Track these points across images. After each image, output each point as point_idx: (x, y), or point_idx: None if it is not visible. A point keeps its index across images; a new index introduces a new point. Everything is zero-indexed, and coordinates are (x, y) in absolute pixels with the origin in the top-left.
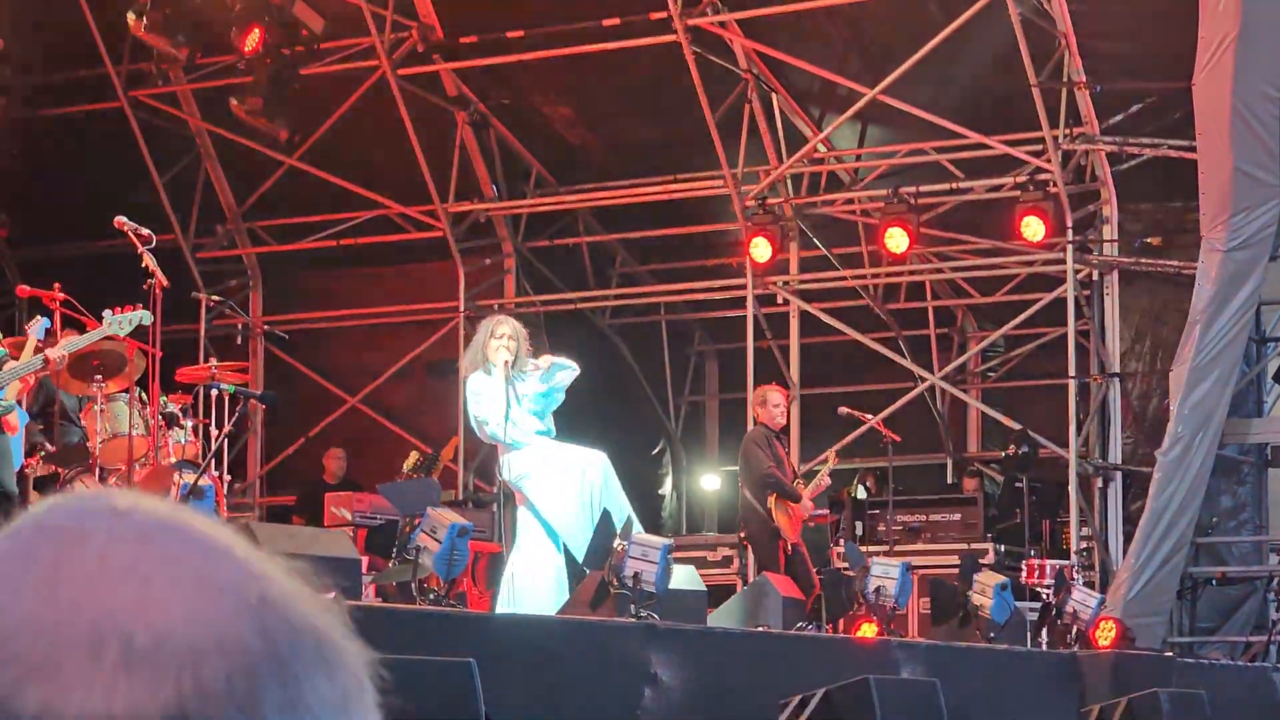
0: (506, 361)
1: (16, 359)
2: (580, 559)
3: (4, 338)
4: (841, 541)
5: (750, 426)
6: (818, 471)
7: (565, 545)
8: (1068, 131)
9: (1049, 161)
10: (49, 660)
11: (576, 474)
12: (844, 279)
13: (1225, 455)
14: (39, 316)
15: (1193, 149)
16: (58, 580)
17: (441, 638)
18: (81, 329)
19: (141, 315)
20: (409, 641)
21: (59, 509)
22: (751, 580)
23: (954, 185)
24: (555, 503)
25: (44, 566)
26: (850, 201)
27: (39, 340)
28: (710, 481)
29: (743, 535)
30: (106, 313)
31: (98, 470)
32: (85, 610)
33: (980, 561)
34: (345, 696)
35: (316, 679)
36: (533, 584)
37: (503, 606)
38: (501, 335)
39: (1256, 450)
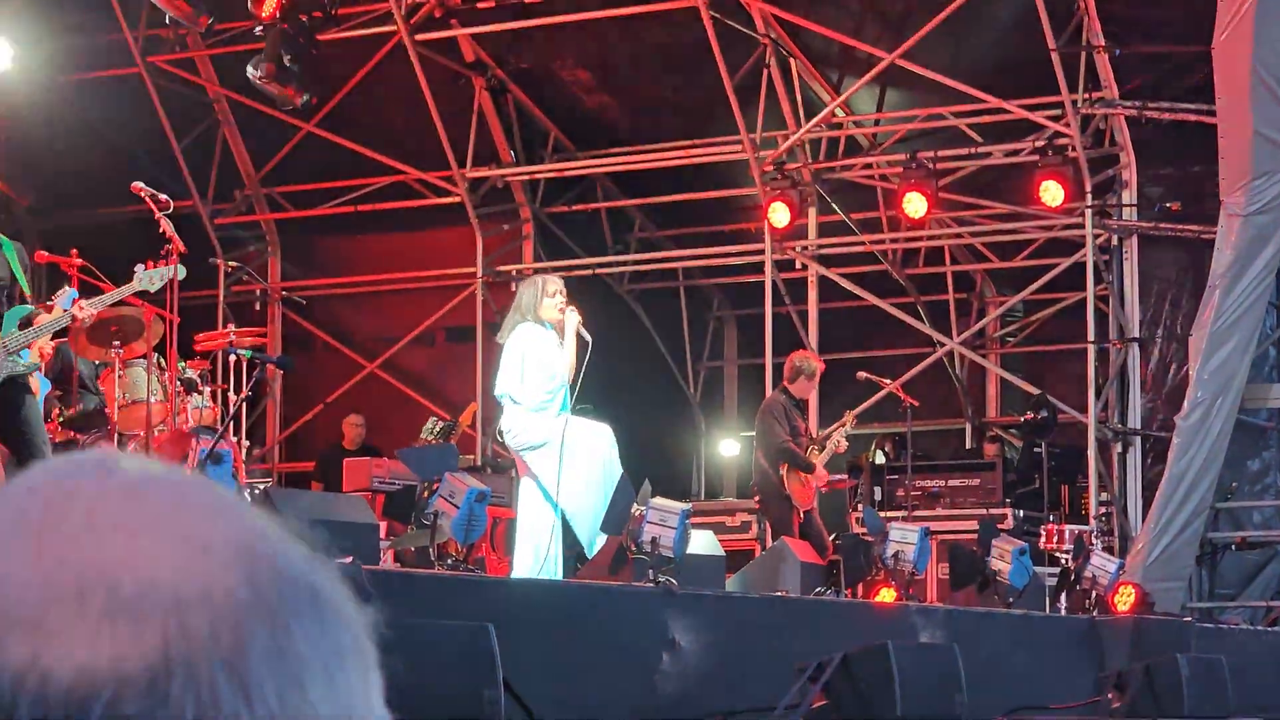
0: (580, 322)
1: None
2: (584, 535)
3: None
4: (860, 507)
5: (770, 391)
6: (833, 435)
7: (565, 517)
8: (1087, 96)
9: (1068, 126)
10: (34, 613)
11: (585, 450)
12: (862, 244)
13: (1245, 420)
14: (66, 287)
15: (1213, 113)
16: (44, 535)
17: (459, 602)
18: (99, 294)
19: (175, 269)
20: (427, 606)
21: (49, 468)
22: (770, 545)
23: (973, 150)
24: (567, 478)
25: (31, 522)
26: (869, 166)
27: (64, 309)
28: (729, 447)
29: (756, 500)
30: (139, 267)
31: (116, 436)
32: (71, 563)
33: (999, 527)
34: (339, 650)
35: (308, 629)
36: (531, 547)
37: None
38: (555, 293)
39: (1277, 415)
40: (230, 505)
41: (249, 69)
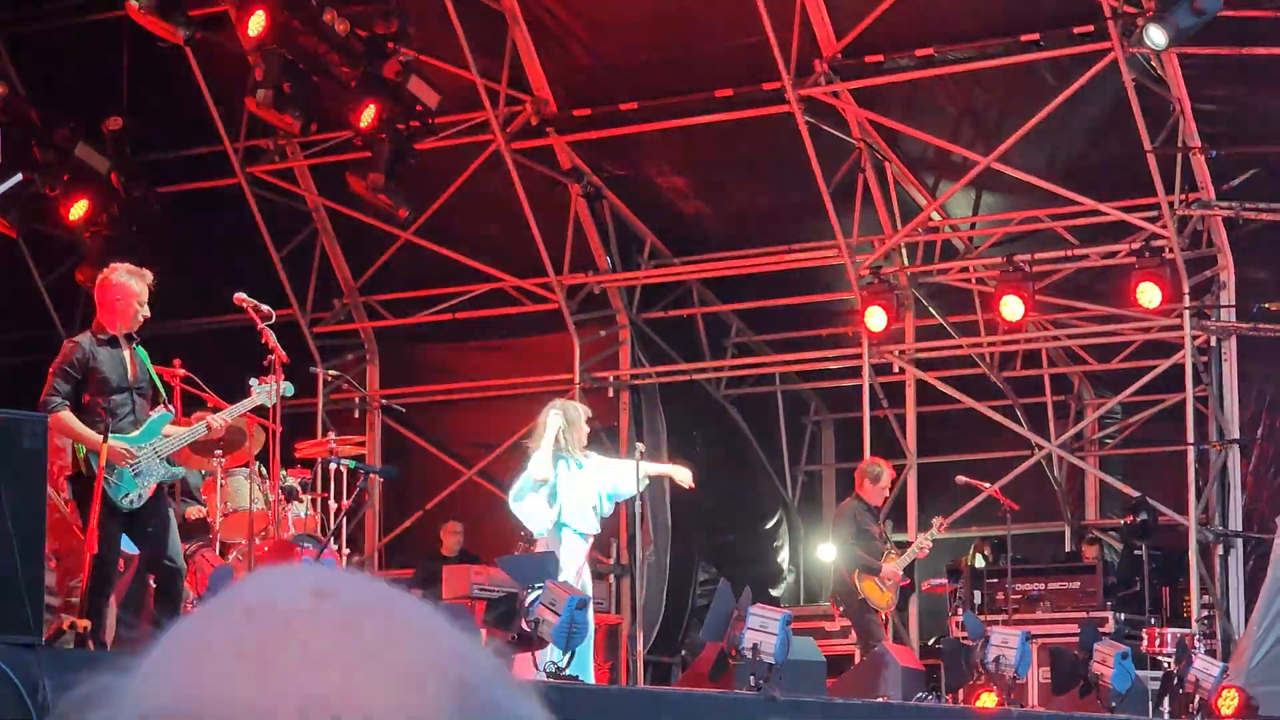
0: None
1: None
2: None
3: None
4: (960, 611)
5: (849, 497)
6: (919, 536)
7: None
8: (1183, 197)
9: (1164, 227)
10: None
11: None
12: (960, 347)
13: None
14: (160, 407)
15: None
16: (266, 666)
17: (560, 710)
18: (203, 405)
19: (285, 385)
20: None
21: (264, 590)
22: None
23: (1069, 252)
24: None
25: (252, 651)
26: (965, 269)
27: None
28: (827, 551)
29: (835, 607)
30: (253, 382)
31: (218, 545)
32: (293, 696)
33: (1100, 630)
34: None
35: None
36: None
37: None
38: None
39: None
40: (439, 631)
41: (350, 178)
